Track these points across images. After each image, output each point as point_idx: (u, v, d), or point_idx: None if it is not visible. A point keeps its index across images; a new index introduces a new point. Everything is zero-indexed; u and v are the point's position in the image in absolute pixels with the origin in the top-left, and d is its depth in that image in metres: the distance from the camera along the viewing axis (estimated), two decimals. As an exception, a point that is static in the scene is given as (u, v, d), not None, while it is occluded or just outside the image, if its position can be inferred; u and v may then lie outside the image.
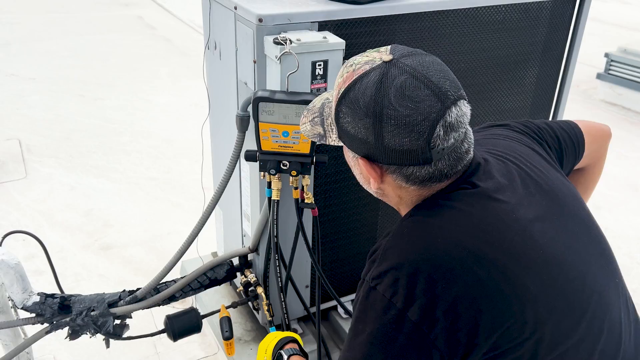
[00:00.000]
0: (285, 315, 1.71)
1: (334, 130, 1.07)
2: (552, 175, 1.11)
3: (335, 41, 1.53)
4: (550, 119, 2.29)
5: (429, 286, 0.93)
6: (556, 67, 2.17)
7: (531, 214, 1.01)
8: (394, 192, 1.06)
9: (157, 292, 1.86)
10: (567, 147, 1.25)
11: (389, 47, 1.01)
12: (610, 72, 5.15)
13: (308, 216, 1.76)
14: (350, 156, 1.07)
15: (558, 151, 1.23)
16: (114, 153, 4.03)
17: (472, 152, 1.02)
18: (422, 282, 0.93)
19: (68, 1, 8.20)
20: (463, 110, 0.97)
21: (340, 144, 1.07)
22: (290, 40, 1.47)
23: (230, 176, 1.72)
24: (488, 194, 1.00)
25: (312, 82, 1.55)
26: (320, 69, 1.54)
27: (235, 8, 1.61)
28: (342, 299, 2.10)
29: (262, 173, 1.59)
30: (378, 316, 0.95)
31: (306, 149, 1.55)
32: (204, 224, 1.79)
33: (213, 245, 2.46)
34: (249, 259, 1.97)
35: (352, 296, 2.14)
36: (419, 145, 0.94)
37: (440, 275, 0.93)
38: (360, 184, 1.12)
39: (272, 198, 1.58)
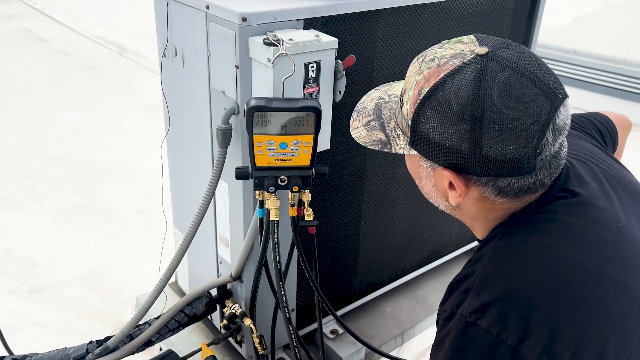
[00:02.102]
0: (297, 349, 1.53)
1: (401, 136, 0.91)
2: (624, 171, 1.03)
3: (328, 40, 1.38)
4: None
5: (546, 317, 0.80)
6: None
7: (632, 219, 0.92)
8: (474, 206, 0.92)
9: (130, 339, 1.62)
10: (607, 140, 1.18)
11: (472, 36, 0.87)
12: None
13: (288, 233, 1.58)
14: (423, 166, 0.91)
15: (602, 144, 1.16)
16: (26, 181, 3.60)
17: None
18: (538, 313, 0.80)
19: (-59, 16, 7.38)
20: (569, 110, 0.85)
21: (410, 152, 0.91)
22: (282, 41, 1.30)
23: (212, 197, 1.52)
24: (591, 202, 0.90)
25: (304, 86, 1.40)
26: (312, 71, 1.39)
27: (207, 7, 1.42)
28: (326, 319, 1.96)
29: (257, 192, 1.41)
30: (483, 355, 0.82)
31: (306, 161, 1.38)
32: (182, 256, 1.58)
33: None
34: (227, 288, 1.77)
35: (338, 313, 2.00)
36: (525, 153, 0.81)
37: (559, 304, 0.81)
38: (428, 197, 0.97)
39: (271, 219, 1.40)
